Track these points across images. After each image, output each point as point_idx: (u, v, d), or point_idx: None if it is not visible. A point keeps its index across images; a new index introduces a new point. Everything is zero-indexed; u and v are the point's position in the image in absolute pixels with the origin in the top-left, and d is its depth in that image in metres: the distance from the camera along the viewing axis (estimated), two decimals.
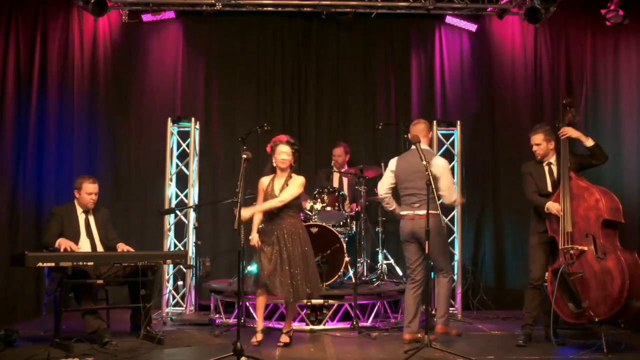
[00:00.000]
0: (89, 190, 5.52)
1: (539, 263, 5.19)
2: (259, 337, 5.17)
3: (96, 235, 5.56)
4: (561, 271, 4.80)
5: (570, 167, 5.06)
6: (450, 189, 5.22)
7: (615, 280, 4.66)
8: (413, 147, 5.13)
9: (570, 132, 5.16)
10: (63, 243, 5.25)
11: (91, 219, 5.58)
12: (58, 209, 5.57)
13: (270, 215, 5.22)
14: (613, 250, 4.77)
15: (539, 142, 5.27)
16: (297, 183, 5.21)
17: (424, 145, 5.17)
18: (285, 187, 5.19)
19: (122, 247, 5.49)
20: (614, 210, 4.88)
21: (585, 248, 4.83)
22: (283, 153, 5.19)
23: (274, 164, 5.24)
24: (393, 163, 5.40)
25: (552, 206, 5.01)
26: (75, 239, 5.39)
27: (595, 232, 4.84)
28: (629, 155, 6.85)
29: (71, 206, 5.57)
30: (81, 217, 5.54)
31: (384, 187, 5.41)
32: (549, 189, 5.21)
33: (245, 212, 5.01)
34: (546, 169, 5.28)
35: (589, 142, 5.16)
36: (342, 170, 7.22)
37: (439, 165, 5.20)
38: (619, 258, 4.69)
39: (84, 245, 5.45)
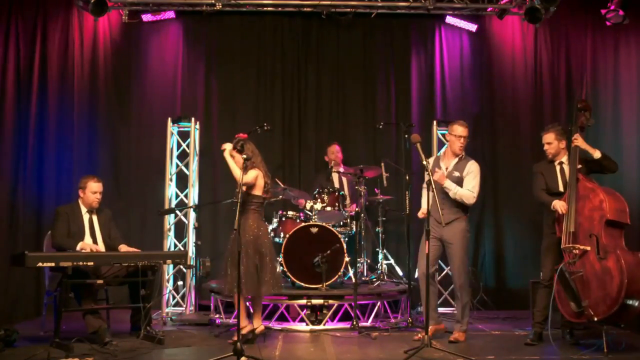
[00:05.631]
0: (93, 189, 5.52)
1: (549, 264, 5.20)
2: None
3: (99, 236, 5.55)
4: (563, 270, 4.80)
5: (580, 170, 5.07)
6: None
7: (615, 279, 4.66)
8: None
9: (580, 142, 5.12)
10: (86, 247, 5.26)
11: (95, 219, 5.58)
12: (64, 208, 5.55)
13: None
14: (614, 250, 4.76)
15: (550, 141, 5.28)
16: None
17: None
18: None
19: (124, 248, 5.49)
20: (618, 211, 4.87)
21: (588, 248, 4.83)
22: None
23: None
24: None
25: (557, 204, 5.02)
26: (79, 239, 5.38)
27: (598, 233, 4.84)
28: (629, 155, 6.84)
29: (75, 206, 5.56)
30: (85, 217, 5.54)
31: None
32: (560, 188, 5.20)
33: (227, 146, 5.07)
34: (557, 168, 5.28)
35: (597, 154, 5.12)
36: (342, 170, 7.21)
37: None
38: (619, 258, 4.69)
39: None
